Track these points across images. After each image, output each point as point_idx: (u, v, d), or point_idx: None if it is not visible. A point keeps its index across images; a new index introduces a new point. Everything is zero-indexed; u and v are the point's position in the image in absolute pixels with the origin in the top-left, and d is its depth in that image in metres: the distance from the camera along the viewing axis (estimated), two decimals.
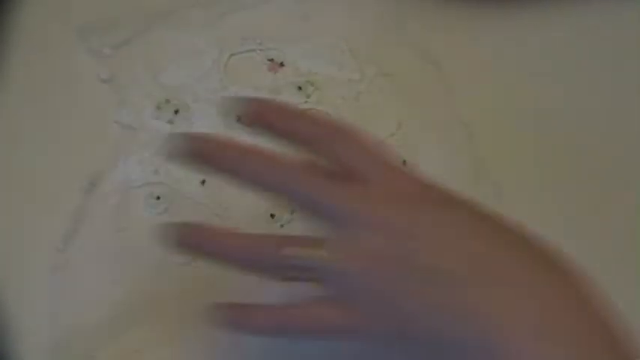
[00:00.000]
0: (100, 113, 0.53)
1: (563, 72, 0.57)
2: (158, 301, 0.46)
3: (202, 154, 0.38)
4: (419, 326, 0.34)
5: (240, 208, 0.50)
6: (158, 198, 0.50)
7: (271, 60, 0.56)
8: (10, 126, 0.52)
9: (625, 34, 0.59)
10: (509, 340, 0.33)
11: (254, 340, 0.45)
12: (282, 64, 0.56)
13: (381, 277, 0.35)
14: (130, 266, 0.47)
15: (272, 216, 0.49)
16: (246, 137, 0.36)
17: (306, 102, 0.54)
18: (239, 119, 0.53)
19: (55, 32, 0.56)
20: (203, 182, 0.50)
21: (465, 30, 0.58)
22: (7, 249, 0.47)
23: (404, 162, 0.52)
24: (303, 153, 0.39)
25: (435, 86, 0.56)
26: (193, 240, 0.38)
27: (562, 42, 0.58)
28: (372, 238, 0.35)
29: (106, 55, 0.55)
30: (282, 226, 0.49)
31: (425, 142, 0.53)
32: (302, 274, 0.37)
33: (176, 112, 0.53)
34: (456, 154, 0.53)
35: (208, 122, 0.53)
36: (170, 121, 0.53)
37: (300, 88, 0.55)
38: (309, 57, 0.56)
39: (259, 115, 0.39)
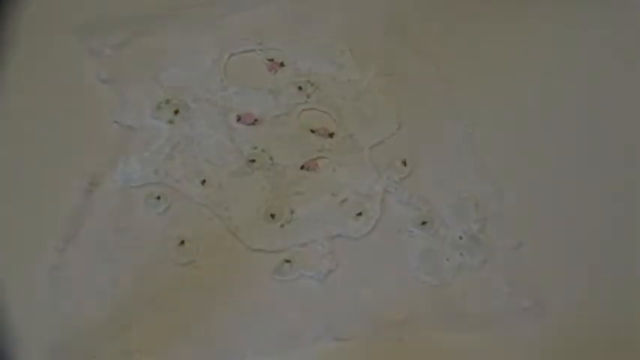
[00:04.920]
0: (100, 113, 0.53)
1: (563, 72, 0.57)
2: (158, 301, 0.46)
3: None
4: None
5: (240, 208, 0.50)
6: (158, 198, 0.50)
7: (271, 60, 0.56)
8: (11, 126, 0.52)
9: (625, 35, 0.59)
10: None
11: (253, 339, 0.45)
12: (282, 64, 0.56)
13: None
14: (129, 266, 0.47)
15: (272, 216, 0.49)
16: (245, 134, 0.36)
17: (306, 102, 0.54)
18: (239, 119, 0.53)
19: (55, 32, 0.56)
20: (203, 182, 0.50)
21: (465, 30, 0.59)
22: (7, 249, 0.47)
23: (404, 162, 0.52)
24: None
25: (435, 86, 0.56)
26: None
27: (562, 42, 0.58)
28: None
29: (106, 55, 0.55)
30: (282, 225, 0.49)
31: (425, 142, 0.53)
32: None
33: (176, 112, 0.53)
34: (456, 154, 0.53)
35: (208, 122, 0.53)
36: (170, 121, 0.53)
37: (300, 87, 0.55)
38: (309, 57, 0.56)
39: None
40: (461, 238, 0.49)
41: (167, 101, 0.54)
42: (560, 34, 0.59)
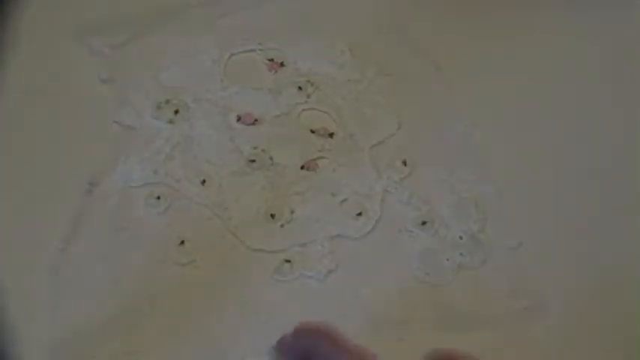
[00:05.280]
0: (100, 113, 0.53)
1: (563, 72, 0.57)
2: (158, 301, 0.46)
3: None
4: None
5: (240, 208, 0.50)
6: (158, 198, 0.50)
7: (271, 60, 0.56)
8: (10, 126, 0.52)
9: (626, 36, 0.59)
10: None
11: (253, 339, 0.45)
12: (282, 64, 0.56)
13: None
14: (129, 266, 0.47)
15: (272, 216, 0.49)
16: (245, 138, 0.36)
17: (306, 102, 0.54)
18: (239, 119, 0.53)
19: (55, 32, 0.56)
20: (203, 182, 0.50)
21: (465, 30, 0.59)
22: (7, 249, 0.47)
23: (404, 162, 0.52)
24: None
25: (435, 86, 0.56)
26: None
27: (562, 43, 0.58)
28: None
29: (106, 55, 0.55)
30: (282, 225, 0.49)
31: (425, 142, 0.53)
32: None
33: (176, 112, 0.53)
34: (456, 154, 0.53)
35: (208, 122, 0.53)
36: (170, 121, 0.53)
37: (300, 88, 0.55)
38: (309, 57, 0.56)
39: None
40: (461, 238, 0.49)
41: (167, 101, 0.54)
42: (561, 34, 0.59)
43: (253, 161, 0.51)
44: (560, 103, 0.55)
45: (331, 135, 0.53)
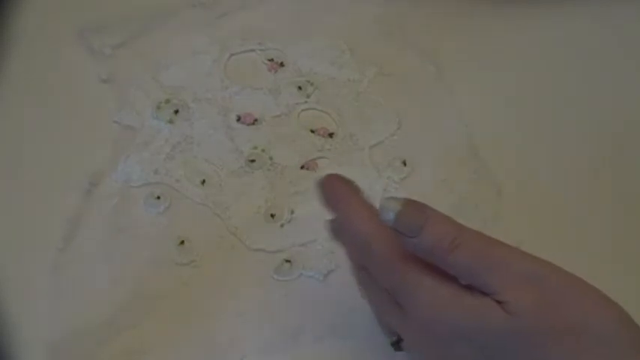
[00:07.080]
0: (100, 113, 0.53)
1: (563, 71, 0.57)
2: (158, 301, 0.46)
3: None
4: None
5: (240, 208, 0.50)
6: (158, 198, 0.50)
7: (271, 60, 0.56)
8: (11, 126, 0.52)
9: (625, 33, 0.59)
10: None
11: (253, 339, 0.45)
12: (282, 64, 0.56)
13: None
14: (130, 266, 0.47)
15: (272, 216, 0.49)
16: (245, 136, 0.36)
17: (306, 102, 0.54)
18: (239, 119, 0.53)
19: (55, 32, 0.56)
20: (203, 182, 0.50)
21: (465, 30, 0.59)
22: (7, 249, 0.47)
23: (404, 162, 0.52)
24: None
25: (435, 86, 0.56)
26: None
27: (562, 42, 0.58)
28: None
29: (106, 55, 0.55)
30: (282, 225, 0.49)
31: (425, 141, 0.53)
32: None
33: (176, 112, 0.53)
34: (456, 154, 0.53)
35: (208, 122, 0.53)
36: (170, 121, 0.53)
37: (300, 87, 0.55)
38: (309, 57, 0.56)
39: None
40: None
41: (167, 101, 0.54)
42: (563, 34, 0.59)
43: (253, 161, 0.51)
44: (561, 103, 0.55)
45: (331, 135, 0.53)
